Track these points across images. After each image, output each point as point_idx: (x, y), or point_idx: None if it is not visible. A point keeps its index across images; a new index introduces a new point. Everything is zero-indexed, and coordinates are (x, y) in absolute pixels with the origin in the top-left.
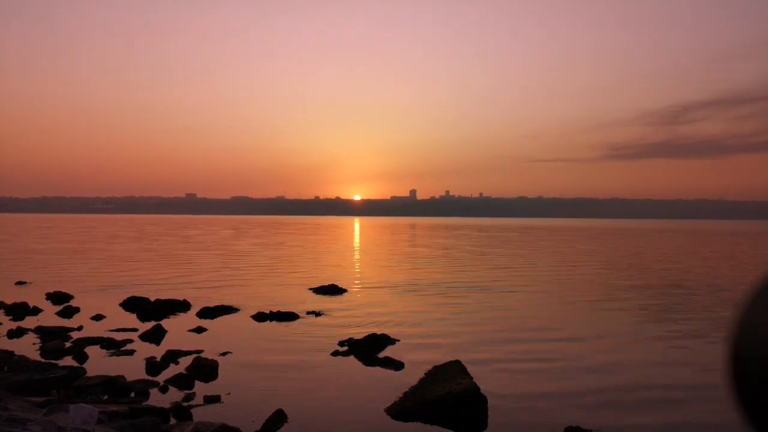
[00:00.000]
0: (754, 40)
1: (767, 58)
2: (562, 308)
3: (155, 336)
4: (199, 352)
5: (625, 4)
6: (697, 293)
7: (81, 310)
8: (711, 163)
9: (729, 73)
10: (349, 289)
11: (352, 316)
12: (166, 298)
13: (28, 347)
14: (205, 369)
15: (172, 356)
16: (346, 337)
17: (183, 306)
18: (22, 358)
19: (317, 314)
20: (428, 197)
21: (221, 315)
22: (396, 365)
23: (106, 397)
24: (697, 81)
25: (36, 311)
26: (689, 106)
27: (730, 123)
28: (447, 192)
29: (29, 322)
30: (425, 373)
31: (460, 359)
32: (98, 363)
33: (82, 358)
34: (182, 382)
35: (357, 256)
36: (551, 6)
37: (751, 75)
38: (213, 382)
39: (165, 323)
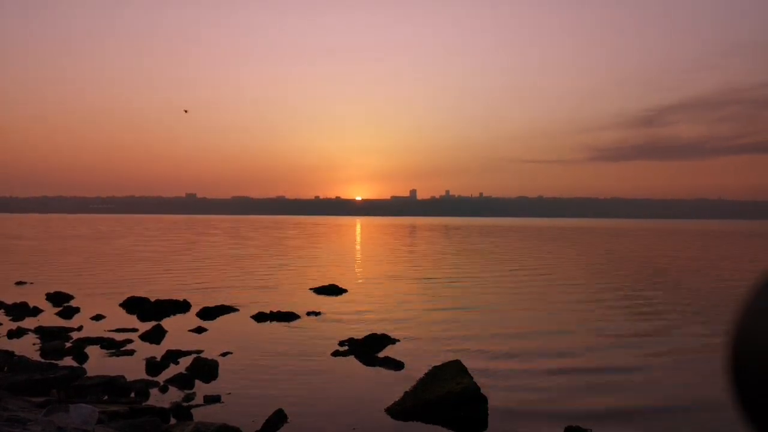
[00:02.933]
0: (728, 47)
1: (740, 63)
2: (564, 308)
3: (155, 336)
4: (199, 352)
5: (609, 9)
6: (710, 292)
7: (81, 310)
8: (695, 165)
9: (705, 77)
10: (349, 289)
11: (352, 316)
12: (166, 298)
13: (28, 347)
14: (205, 369)
15: (172, 356)
16: (346, 337)
17: (183, 306)
18: (22, 359)
19: (317, 314)
20: (428, 197)
21: (221, 315)
22: (396, 365)
23: (106, 397)
24: (675, 85)
25: (36, 311)
26: (668, 109)
27: (709, 126)
28: (447, 192)
29: (29, 322)
30: (425, 373)
31: (460, 359)
32: (98, 363)
33: (82, 358)
34: (182, 382)
35: (358, 255)
36: (558, 8)
37: (727, 79)
38: (213, 382)
39: (165, 323)
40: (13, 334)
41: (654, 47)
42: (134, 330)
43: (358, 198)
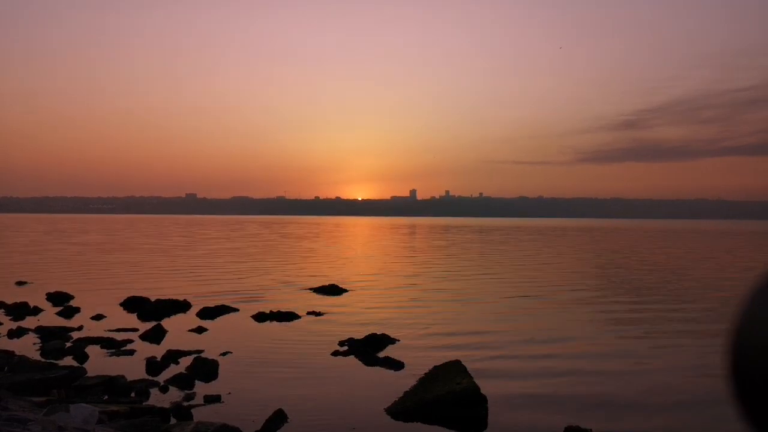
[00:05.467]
0: (711, 50)
1: (721, 67)
2: (563, 308)
3: (155, 336)
4: (199, 351)
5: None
6: (710, 292)
7: (81, 310)
8: (683, 166)
9: (685, 81)
10: (349, 289)
11: (352, 316)
12: (167, 297)
13: (29, 347)
14: (205, 369)
15: (173, 356)
16: (346, 337)
17: (183, 306)
18: (23, 358)
19: (317, 314)
20: (428, 197)
21: (221, 315)
22: (396, 365)
23: (106, 396)
24: (660, 88)
25: (36, 311)
26: (652, 111)
27: (690, 129)
28: (447, 192)
29: (29, 322)
30: (425, 373)
31: (460, 359)
32: (98, 363)
33: (83, 357)
34: (182, 381)
35: (358, 256)
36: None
37: (707, 83)
38: (213, 381)
39: (165, 323)
40: (13, 334)
41: (636, 51)
42: (134, 330)
43: (359, 198)
